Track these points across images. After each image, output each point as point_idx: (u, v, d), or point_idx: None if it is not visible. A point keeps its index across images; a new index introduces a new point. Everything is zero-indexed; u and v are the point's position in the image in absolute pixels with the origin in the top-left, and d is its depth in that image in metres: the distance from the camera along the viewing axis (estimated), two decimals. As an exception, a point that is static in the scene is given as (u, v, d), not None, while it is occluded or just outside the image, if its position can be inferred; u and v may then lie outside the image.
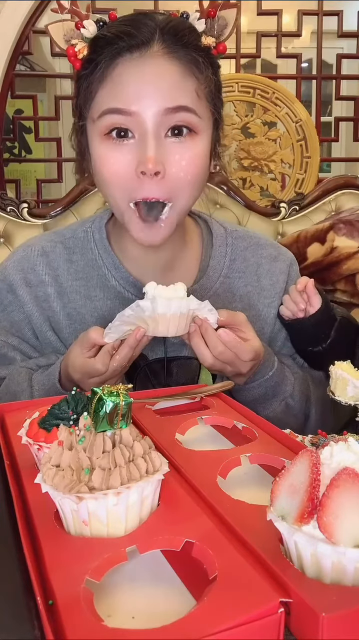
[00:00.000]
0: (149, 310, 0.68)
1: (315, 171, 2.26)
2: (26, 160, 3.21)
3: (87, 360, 0.71)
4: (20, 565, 0.42)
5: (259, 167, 2.28)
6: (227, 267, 0.90)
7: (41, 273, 0.86)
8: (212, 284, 0.88)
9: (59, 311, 0.86)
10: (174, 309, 0.68)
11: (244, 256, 0.91)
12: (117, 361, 0.70)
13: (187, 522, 0.46)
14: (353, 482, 0.38)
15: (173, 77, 0.71)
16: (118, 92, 0.70)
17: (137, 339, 0.69)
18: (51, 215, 1.92)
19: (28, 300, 0.86)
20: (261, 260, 0.92)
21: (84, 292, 0.86)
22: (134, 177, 0.72)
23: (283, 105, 2.24)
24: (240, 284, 0.90)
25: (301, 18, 2.38)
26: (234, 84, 2.24)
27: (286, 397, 0.84)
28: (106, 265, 0.87)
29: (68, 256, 0.88)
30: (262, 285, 0.91)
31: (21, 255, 0.89)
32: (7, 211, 1.91)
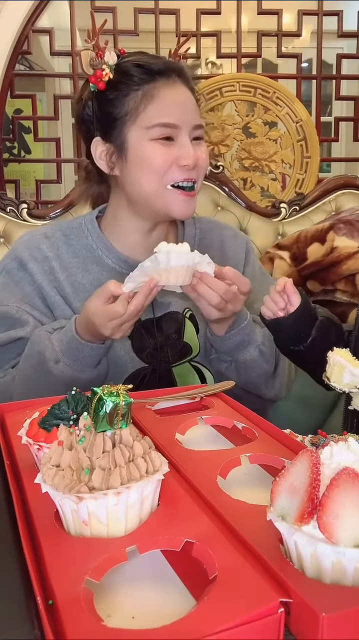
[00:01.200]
0: (164, 262, 0.83)
1: (315, 171, 2.25)
2: (25, 160, 3.21)
3: (108, 306, 0.85)
4: (20, 565, 0.42)
5: (260, 167, 2.28)
6: (197, 245, 1.09)
7: (45, 251, 1.03)
8: None
9: (63, 281, 1.02)
10: (183, 261, 0.84)
11: (210, 236, 1.13)
12: (134, 305, 0.84)
13: (187, 522, 0.46)
14: (353, 482, 0.38)
15: (192, 99, 1.00)
16: (166, 110, 0.95)
17: (150, 288, 0.85)
18: (50, 217, 1.92)
19: (37, 271, 1.01)
20: (223, 238, 1.14)
21: (82, 266, 1.04)
22: (174, 168, 0.96)
23: (284, 105, 2.24)
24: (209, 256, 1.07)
25: (301, 18, 2.38)
26: (235, 84, 2.24)
27: (259, 344, 1.00)
28: (99, 248, 1.05)
29: (66, 240, 1.06)
30: (226, 257, 1.11)
31: (27, 238, 1.07)
32: (7, 211, 1.91)
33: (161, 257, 0.83)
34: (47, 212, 1.93)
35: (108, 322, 0.85)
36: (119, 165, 0.99)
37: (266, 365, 1.02)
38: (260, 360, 1.00)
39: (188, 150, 0.95)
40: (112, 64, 0.96)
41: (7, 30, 2.16)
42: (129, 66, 0.97)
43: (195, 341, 1.04)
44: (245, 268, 1.12)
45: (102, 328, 0.86)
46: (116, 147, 0.98)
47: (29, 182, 3.00)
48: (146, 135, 0.95)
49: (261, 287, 1.09)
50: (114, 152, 0.99)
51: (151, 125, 0.95)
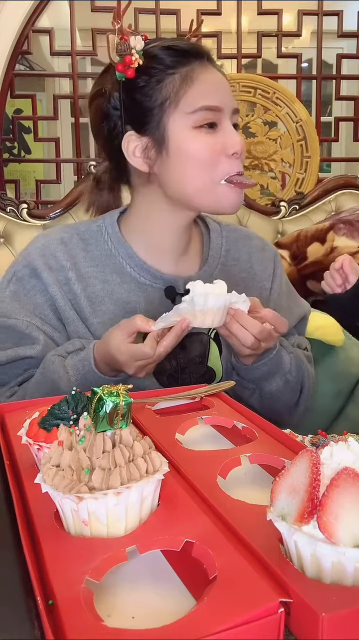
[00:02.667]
0: (200, 305, 0.78)
1: (315, 171, 2.26)
2: (25, 160, 3.21)
3: (135, 346, 0.79)
4: (20, 565, 0.42)
5: (260, 166, 2.28)
6: (224, 256, 1.02)
7: (61, 259, 0.94)
8: (212, 271, 0.99)
9: (79, 294, 0.93)
10: (220, 303, 0.79)
11: (237, 247, 1.04)
12: (163, 347, 0.79)
13: (187, 522, 0.46)
14: (353, 482, 0.38)
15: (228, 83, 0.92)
16: (209, 93, 0.87)
17: (182, 329, 0.79)
18: (50, 217, 1.92)
19: (51, 282, 0.93)
20: (251, 250, 1.05)
21: (101, 277, 0.95)
22: (223, 158, 0.88)
23: (284, 105, 2.24)
24: (235, 270, 1.02)
25: (301, 18, 2.38)
26: (235, 84, 2.24)
27: (286, 373, 0.94)
28: (120, 254, 0.96)
29: (84, 246, 0.97)
30: (254, 271, 1.03)
31: (42, 243, 0.96)
32: (7, 211, 1.92)
33: (198, 299, 0.78)
34: (47, 212, 1.93)
35: (134, 362, 0.79)
36: (159, 160, 0.89)
37: (291, 395, 0.96)
38: (285, 390, 0.94)
39: (234, 136, 0.88)
40: (140, 49, 0.87)
41: (7, 30, 2.17)
42: (158, 50, 0.88)
43: (218, 365, 0.97)
44: (273, 284, 1.04)
45: (126, 367, 0.80)
46: (154, 141, 0.89)
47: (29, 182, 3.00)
48: (188, 122, 0.87)
49: (288, 304, 1.05)
50: (153, 146, 0.89)
51: (194, 110, 0.86)
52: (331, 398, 1.26)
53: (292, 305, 1.05)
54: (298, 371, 0.96)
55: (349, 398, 1.27)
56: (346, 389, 1.26)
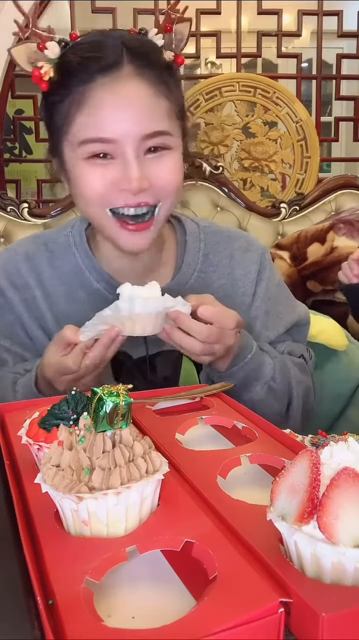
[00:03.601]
0: (126, 310, 0.70)
1: (315, 171, 2.26)
2: (26, 160, 3.20)
3: (60, 359, 0.73)
4: (20, 565, 0.42)
5: (260, 168, 2.28)
6: (201, 262, 0.93)
7: (26, 276, 0.89)
8: (187, 279, 0.92)
9: (45, 312, 0.88)
10: (150, 309, 0.70)
11: (217, 250, 0.94)
12: (89, 359, 0.72)
13: (187, 522, 0.46)
14: (353, 482, 0.38)
15: (147, 99, 0.77)
16: (97, 121, 0.75)
17: (111, 338, 0.71)
18: (51, 215, 1.92)
19: (17, 302, 0.88)
20: (233, 252, 0.95)
21: (68, 294, 0.89)
22: (115, 191, 0.77)
23: (284, 105, 2.24)
24: (214, 277, 0.93)
25: (301, 18, 2.38)
26: (235, 84, 2.24)
27: (268, 380, 0.86)
28: (87, 269, 0.89)
29: (51, 261, 0.91)
30: (235, 276, 0.94)
31: (6, 259, 0.91)
32: (8, 211, 1.92)
33: (123, 304, 0.69)
34: (47, 211, 1.93)
35: (60, 377, 0.73)
36: (67, 184, 0.85)
37: (277, 405, 0.87)
38: (269, 399, 0.86)
39: (129, 170, 0.75)
40: (53, 58, 0.76)
41: (7, 30, 2.16)
42: (72, 60, 0.76)
43: (195, 382, 0.89)
44: (256, 289, 0.94)
45: (56, 383, 0.74)
46: (59, 164, 0.84)
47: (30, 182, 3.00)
48: (76, 154, 0.78)
49: (275, 310, 0.96)
50: (59, 169, 0.85)
51: (80, 142, 0.76)
52: (331, 401, 1.25)
53: (282, 311, 0.97)
54: (284, 377, 0.88)
55: (349, 400, 1.27)
56: (348, 393, 1.26)
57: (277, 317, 0.96)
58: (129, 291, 0.70)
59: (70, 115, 0.76)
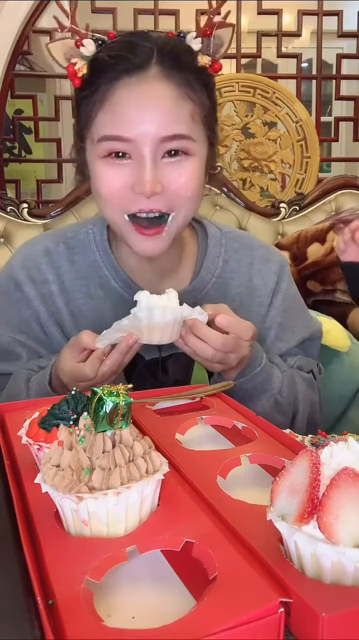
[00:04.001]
0: (145, 319, 0.70)
1: (315, 171, 2.26)
2: (26, 160, 3.21)
3: (76, 365, 0.73)
4: (20, 565, 0.42)
5: (260, 168, 2.28)
6: (221, 268, 0.93)
7: (45, 271, 0.89)
8: (205, 285, 0.92)
9: (62, 308, 0.89)
10: (169, 318, 0.70)
11: (237, 257, 0.94)
12: (107, 366, 0.72)
13: (187, 522, 0.46)
14: (353, 482, 0.38)
15: (170, 101, 0.75)
16: (117, 119, 0.74)
17: (129, 346, 0.72)
18: (51, 216, 1.92)
19: (34, 297, 0.89)
20: (253, 261, 0.95)
21: (86, 290, 0.89)
22: (131, 194, 0.76)
23: (283, 105, 2.24)
24: (232, 284, 0.93)
25: (301, 18, 2.38)
26: (234, 84, 2.25)
27: (275, 393, 0.86)
28: (106, 266, 0.90)
29: (70, 256, 0.91)
30: (253, 285, 0.94)
31: (25, 254, 0.92)
32: (7, 211, 1.92)
33: (141, 314, 0.69)
34: (47, 212, 1.93)
35: (75, 383, 0.72)
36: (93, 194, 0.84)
37: (281, 418, 0.86)
38: (273, 412, 0.85)
39: (143, 173, 0.74)
40: (88, 55, 0.76)
41: (8, 30, 2.17)
42: (103, 58, 0.76)
43: None
44: (273, 299, 0.94)
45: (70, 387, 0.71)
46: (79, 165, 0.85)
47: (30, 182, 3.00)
48: (94, 151, 0.77)
49: (290, 322, 0.95)
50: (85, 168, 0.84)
51: (98, 138, 0.76)
52: (333, 403, 1.25)
53: (296, 324, 0.97)
54: (291, 392, 0.88)
55: (351, 401, 1.26)
56: (349, 394, 1.26)
57: (291, 330, 0.95)
58: (148, 300, 0.69)
59: (93, 112, 0.76)
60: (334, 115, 3.01)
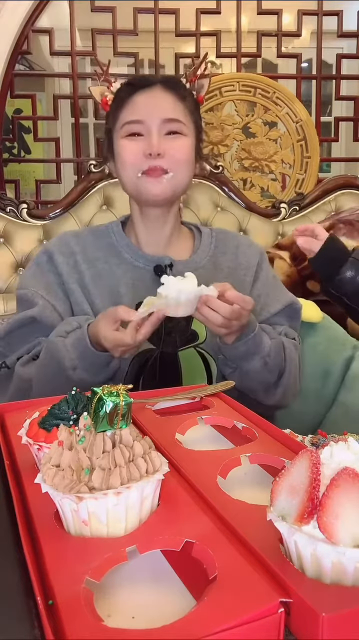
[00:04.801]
0: (173, 299, 0.89)
1: (315, 171, 2.26)
2: (25, 160, 3.20)
3: (117, 334, 0.92)
4: (20, 565, 0.42)
5: (260, 168, 2.27)
6: (213, 250, 1.19)
7: (73, 247, 1.16)
8: (201, 260, 1.17)
9: (84, 271, 1.13)
10: (190, 296, 0.89)
11: (225, 243, 1.21)
12: (142, 335, 0.91)
13: (187, 522, 0.46)
14: (353, 482, 0.38)
15: (169, 101, 1.10)
16: (134, 111, 1.09)
17: (159, 318, 0.91)
18: (50, 217, 1.92)
19: (62, 263, 1.13)
20: (238, 244, 1.22)
21: (104, 259, 1.15)
22: (143, 158, 1.07)
23: (283, 105, 2.24)
24: (222, 260, 1.18)
25: (301, 18, 2.38)
26: (234, 83, 2.24)
27: (264, 355, 1.03)
28: (120, 245, 1.17)
29: (94, 238, 1.19)
30: (239, 261, 1.19)
31: (60, 236, 1.21)
32: (7, 211, 1.91)
33: (172, 295, 0.89)
34: (46, 212, 1.93)
35: (117, 347, 0.93)
36: (112, 164, 1.15)
37: (269, 376, 1.06)
38: (263, 371, 1.04)
39: (152, 140, 1.06)
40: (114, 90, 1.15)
41: (7, 30, 2.16)
42: (120, 87, 1.14)
43: (202, 329, 1.09)
44: (258, 274, 1.18)
45: (112, 351, 0.94)
46: (110, 151, 1.14)
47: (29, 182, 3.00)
48: (119, 135, 1.10)
49: (274, 293, 1.18)
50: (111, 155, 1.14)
51: (121, 125, 1.09)
52: (318, 380, 1.30)
53: (278, 294, 1.19)
54: (277, 355, 1.06)
55: (340, 384, 1.29)
56: (335, 371, 1.29)
57: (274, 298, 1.17)
58: (174, 284, 0.88)
59: (119, 114, 1.10)
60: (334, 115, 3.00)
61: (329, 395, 1.31)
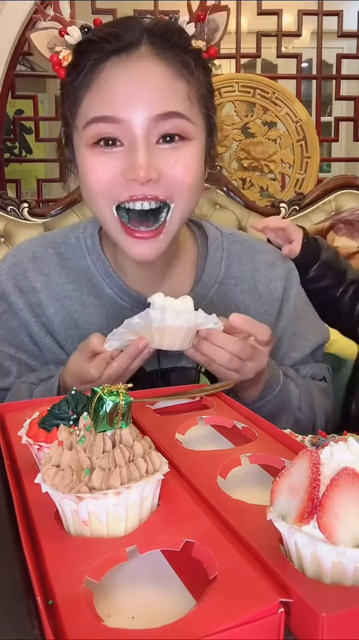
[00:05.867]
0: (157, 320, 0.66)
1: (315, 171, 2.26)
2: (27, 160, 3.20)
3: (82, 365, 0.69)
4: (20, 565, 0.42)
5: (259, 167, 2.28)
6: (223, 273, 0.87)
7: (32, 279, 0.84)
8: (207, 291, 0.86)
9: (53, 317, 0.83)
10: (182, 322, 0.66)
11: (240, 261, 0.88)
12: (113, 368, 0.67)
13: (187, 522, 0.46)
14: (353, 482, 0.38)
15: (163, 79, 0.68)
16: (105, 99, 0.67)
17: (139, 349, 0.67)
18: (52, 215, 1.92)
19: (22, 306, 0.84)
20: (257, 265, 0.89)
21: (77, 296, 0.84)
22: (121, 183, 0.69)
23: (283, 105, 2.24)
24: (236, 290, 0.87)
25: (301, 18, 2.38)
26: (234, 84, 2.24)
27: (294, 410, 0.82)
28: (99, 272, 0.84)
29: (60, 260, 0.85)
30: (259, 292, 0.88)
31: (12, 261, 0.86)
32: (8, 211, 1.91)
33: (154, 313, 0.65)
34: (48, 211, 1.92)
35: (80, 384, 0.67)
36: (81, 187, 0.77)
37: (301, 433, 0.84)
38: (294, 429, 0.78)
39: (136, 157, 0.66)
40: (73, 44, 0.72)
41: (8, 30, 2.17)
42: (90, 38, 0.72)
43: None
44: (281, 308, 0.89)
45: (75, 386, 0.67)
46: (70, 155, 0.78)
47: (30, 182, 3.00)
48: (82, 139, 0.71)
49: (301, 331, 0.90)
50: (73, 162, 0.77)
51: (84, 124, 0.70)
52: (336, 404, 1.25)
53: (308, 331, 0.91)
54: (309, 406, 0.84)
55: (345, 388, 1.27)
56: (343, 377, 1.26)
57: (303, 338, 0.90)
58: (162, 301, 0.66)
59: (79, 97, 0.69)
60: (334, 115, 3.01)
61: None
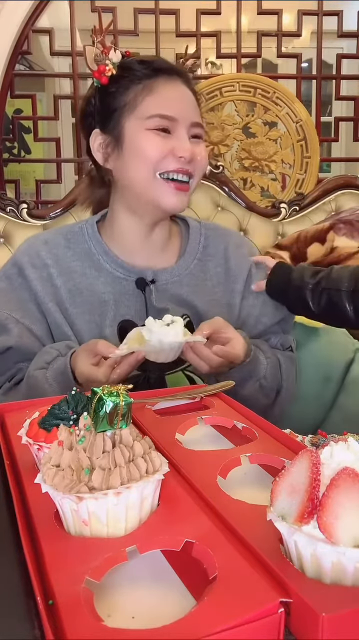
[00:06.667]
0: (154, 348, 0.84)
1: (315, 171, 2.25)
2: (25, 160, 3.20)
3: (91, 368, 0.86)
4: (20, 565, 0.42)
5: (260, 168, 2.27)
6: (201, 252, 1.11)
7: (44, 257, 1.05)
8: (188, 265, 1.09)
9: (61, 287, 1.03)
10: (174, 344, 0.85)
11: (214, 243, 1.13)
12: (117, 374, 0.85)
13: (187, 522, 0.46)
14: (353, 482, 0.38)
15: (193, 100, 1.03)
16: (164, 103, 0.98)
17: (138, 360, 0.86)
18: (50, 217, 1.92)
19: (34, 278, 1.03)
20: (227, 245, 1.13)
21: (81, 270, 1.05)
22: (170, 157, 0.97)
23: (284, 105, 2.24)
24: (211, 265, 1.11)
25: (301, 18, 2.38)
26: (235, 84, 2.24)
27: (260, 378, 0.99)
28: (98, 252, 1.06)
29: (66, 244, 1.07)
30: (228, 266, 1.11)
31: (27, 244, 1.09)
32: (7, 211, 1.91)
33: (155, 343, 0.83)
34: (47, 212, 1.93)
35: (89, 383, 0.86)
36: (114, 156, 1.01)
37: (264, 400, 1.02)
38: (259, 395, 0.99)
39: (185, 143, 0.97)
40: (116, 62, 1.00)
41: (7, 30, 2.17)
42: (132, 62, 1.00)
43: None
44: (246, 284, 1.11)
45: (84, 386, 0.88)
46: (112, 138, 1.00)
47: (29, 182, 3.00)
48: (142, 125, 0.97)
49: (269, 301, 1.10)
50: (111, 142, 1.01)
51: (148, 116, 0.97)
52: (319, 384, 1.29)
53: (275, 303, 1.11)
54: (274, 376, 1.02)
55: (340, 387, 1.29)
56: (335, 375, 1.29)
57: (273, 305, 1.10)
58: (158, 331, 0.83)
59: (140, 97, 0.97)
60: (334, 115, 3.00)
61: (329, 399, 1.30)
